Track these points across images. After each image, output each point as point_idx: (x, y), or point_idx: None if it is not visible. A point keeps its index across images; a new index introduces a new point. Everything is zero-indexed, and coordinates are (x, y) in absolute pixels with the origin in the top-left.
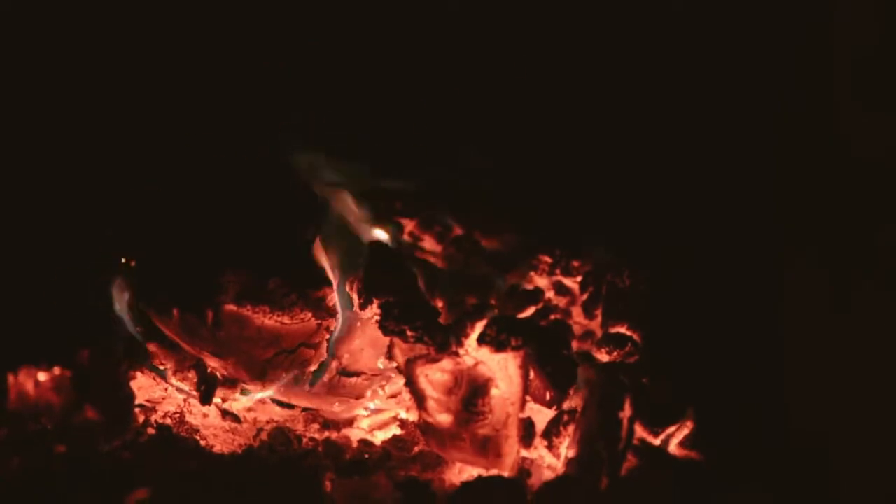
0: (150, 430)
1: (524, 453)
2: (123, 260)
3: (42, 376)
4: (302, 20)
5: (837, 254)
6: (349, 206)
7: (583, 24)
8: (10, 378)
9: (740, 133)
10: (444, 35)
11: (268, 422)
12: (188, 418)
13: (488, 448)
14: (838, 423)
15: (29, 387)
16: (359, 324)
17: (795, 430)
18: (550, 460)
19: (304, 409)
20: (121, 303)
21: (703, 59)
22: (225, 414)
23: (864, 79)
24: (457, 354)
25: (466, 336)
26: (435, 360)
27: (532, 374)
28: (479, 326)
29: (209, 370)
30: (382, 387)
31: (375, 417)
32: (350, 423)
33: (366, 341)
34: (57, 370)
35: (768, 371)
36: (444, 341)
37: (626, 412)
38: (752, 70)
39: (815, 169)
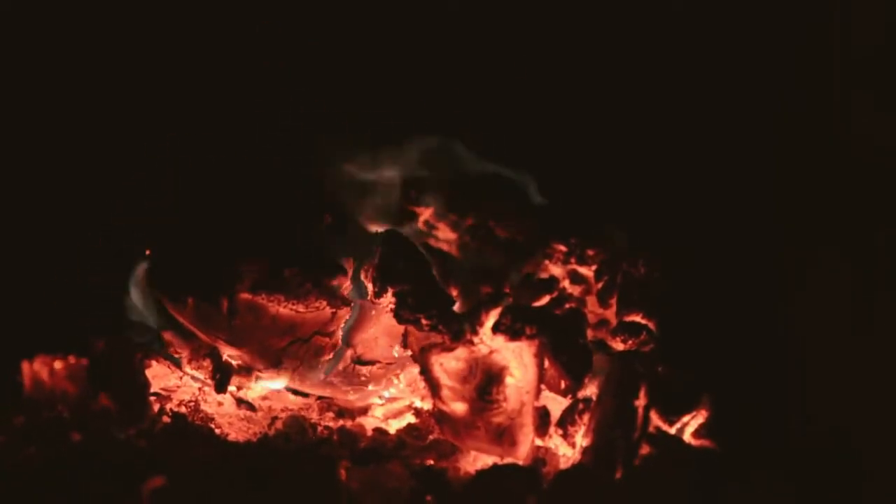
0: (166, 419)
1: (539, 442)
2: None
3: (58, 365)
4: (323, 21)
5: (856, 248)
6: (365, 196)
7: (598, 21)
8: (26, 367)
9: (764, 128)
10: (464, 29)
11: (283, 410)
12: (203, 407)
13: (503, 436)
14: (855, 413)
15: (44, 375)
16: (373, 312)
17: (810, 419)
18: (565, 449)
19: (319, 398)
20: (137, 292)
21: (724, 50)
22: (240, 402)
23: (865, 79)
24: (472, 343)
25: (481, 325)
26: (450, 349)
27: (547, 363)
28: (494, 315)
29: (224, 359)
30: (397, 375)
31: (390, 406)
32: (365, 411)
33: (380, 330)
34: (72, 359)
35: (782, 361)
36: (458, 330)
37: (642, 401)
38: (754, 70)
39: (837, 165)
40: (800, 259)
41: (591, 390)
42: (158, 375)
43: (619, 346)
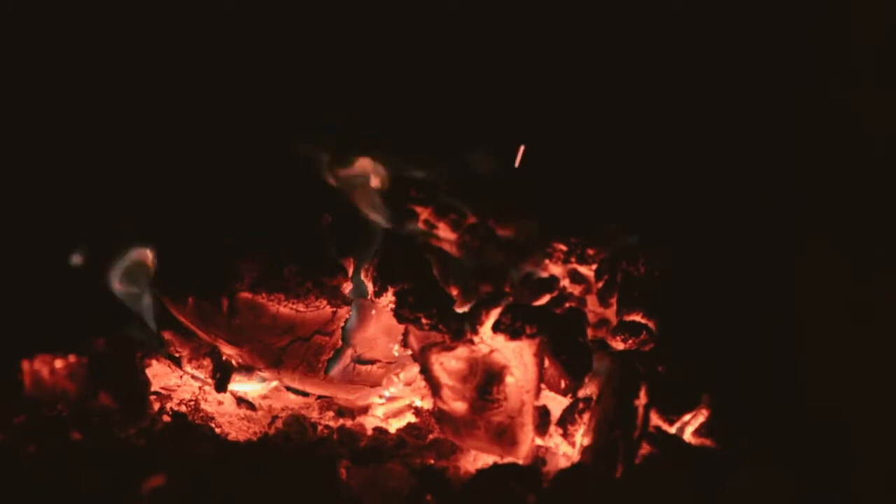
0: (166, 418)
1: (539, 441)
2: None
3: (58, 363)
4: (325, 19)
5: (854, 243)
6: (365, 194)
7: (598, 19)
8: (26, 365)
9: (760, 122)
10: (464, 28)
11: (283, 409)
12: (203, 406)
13: (503, 436)
14: (856, 410)
15: (45, 374)
16: (373, 311)
17: (813, 417)
18: (565, 448)
19: (319, 397)
20: (137, 290)
21: (720, 47)
22: (240, 401)
23: (886, 67)
24: (472, 342)
25: (481, 324)
26: (450, 348)
27: (547, 362)
28: (494, 314)
29: (224, 358)
30: (397, 374)
31: (390, 405)
32: (365, 410)
33: (381, 329)
34: (72, 357)
35: (783, 358)
36: (458, 329)
37: (642, 400)
38: (771, 59)
39: (834, 158)
40: (801, 259)
41: (591, 389)
42: (159, 374)
43: (619, 345)
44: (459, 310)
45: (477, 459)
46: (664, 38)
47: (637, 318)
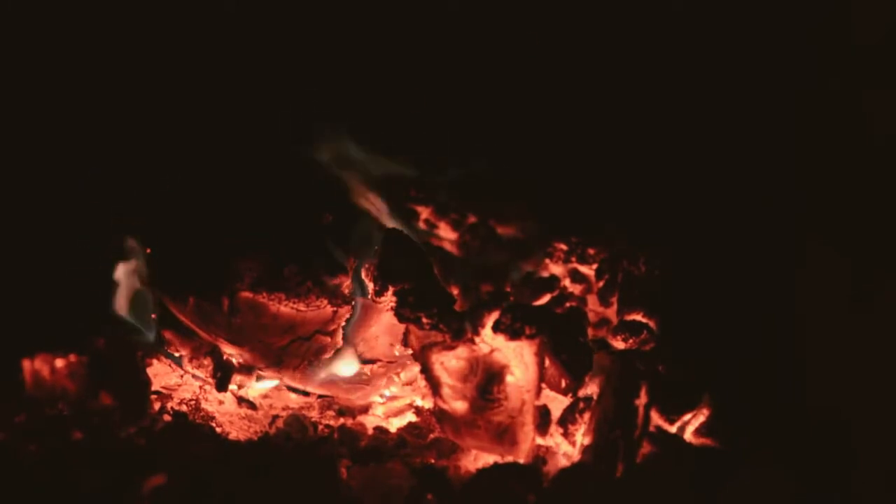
0: (166, 417)
1: (540, 440)
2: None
3: (59, 363)
4: (325, 19)
5: (857, 243)
6: (365, 194)
7: (598, 19)
8: (27, 364)
9: (762, 122)
10: (465, 28)
11: (283, 409)
12: (204, 405)
13: (504, 435)
14: (856, 410)
15: (45, 373)
16: (374, 311)
17: (813, 417)
18: (566, 448)
19: (320, 397)
20: (136, 290)
21: (720, 47)
22: (241, 401)
23: (886, 67)
24: (472, 342)
25: (483, 325)
26: (450, 348)
27: (548, 362)
28: (496, 314)
29: (225, 357)
30: (398, 374)
31: (391, 404)
32: (365, 410)
33: (381, 328)
34: (73, 357)
35: (783, 358)
36: (459, 328)
37: (642, 399)
38: (773, 59)
39: (834, 158)
40: (801, 259)
41: (591, 389)
42: (159, 374)
43: (619, 344)
44: (460, 309)
45: (477, 459)
46: (664, 38)
47: (638, 317)
